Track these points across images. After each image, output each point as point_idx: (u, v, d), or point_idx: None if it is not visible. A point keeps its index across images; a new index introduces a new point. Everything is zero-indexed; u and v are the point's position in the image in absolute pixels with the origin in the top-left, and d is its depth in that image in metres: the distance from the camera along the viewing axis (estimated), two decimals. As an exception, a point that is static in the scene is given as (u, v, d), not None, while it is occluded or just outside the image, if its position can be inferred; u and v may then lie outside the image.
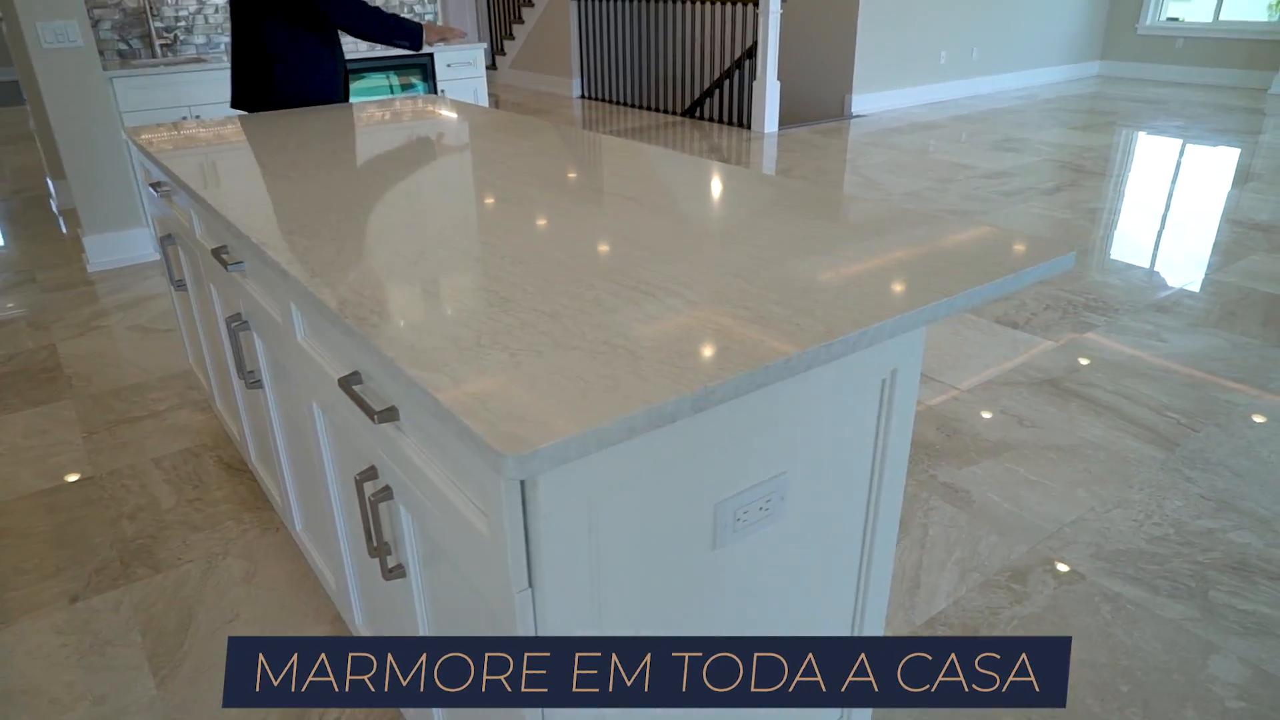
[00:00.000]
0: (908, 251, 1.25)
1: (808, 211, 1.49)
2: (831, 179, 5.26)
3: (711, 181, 1.73)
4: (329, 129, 2.34)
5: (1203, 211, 4.49)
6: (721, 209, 1.52)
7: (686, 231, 1.37)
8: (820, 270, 1.17)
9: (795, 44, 7.54)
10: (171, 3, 4.28)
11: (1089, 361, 2.87)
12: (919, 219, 1.42)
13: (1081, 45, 9.18)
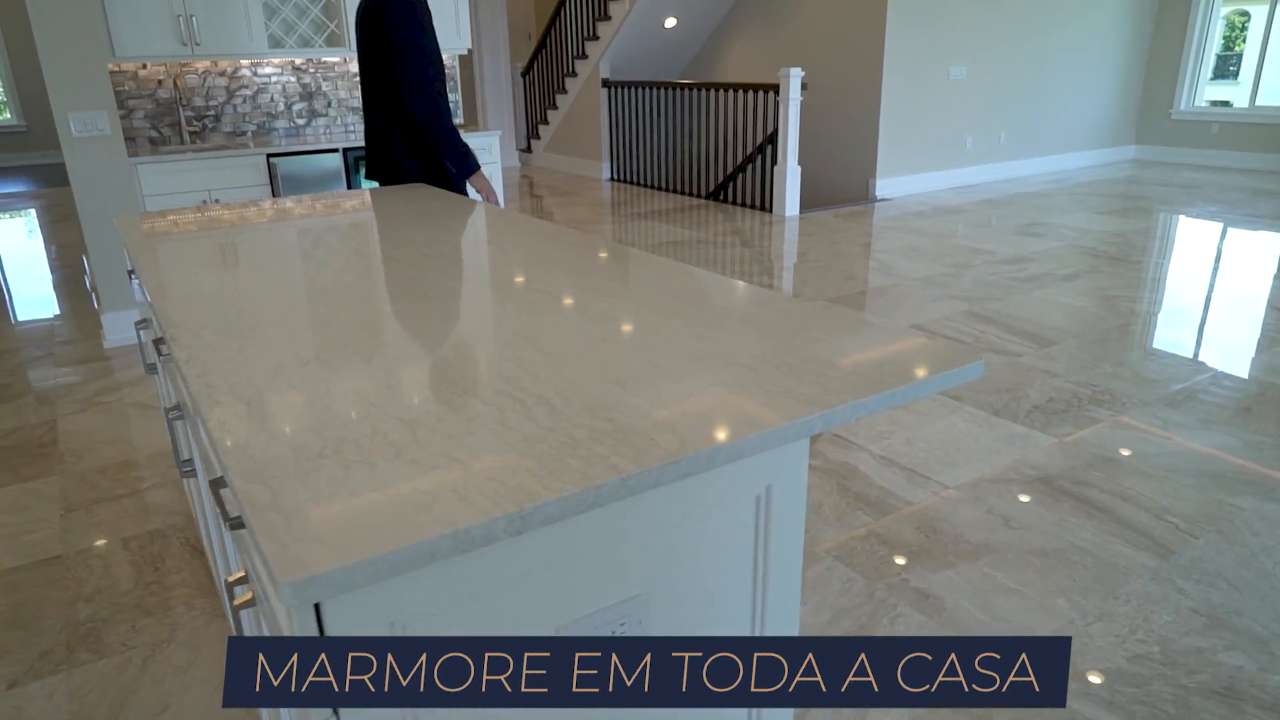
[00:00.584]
0: (804, 358, 1.21)
1: (724, 313, 1.46)
2: (847, 263, 5.23)
3: (646, 276, 1.71)
4: (306, 216, 2.39)
5: (1225, 299, 4.35)
6: (640, 308, 1.49)
7: (589, 333, 1.35)
8: (706, 379, 1.13)
9: (819, 128, 7.63)
10: (202, 94, 4.49)
11: (1088, 459, 2.74)
12: (838, 322, 1.38)
13: (1116, 129, 9.14)
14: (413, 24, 2.69)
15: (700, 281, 1.68)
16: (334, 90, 4.84)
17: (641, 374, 1.15)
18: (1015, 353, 3.67)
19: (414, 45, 2.70)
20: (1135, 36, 8.86)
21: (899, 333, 1.33)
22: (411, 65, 2.71)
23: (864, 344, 1.28)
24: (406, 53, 2.70)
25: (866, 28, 7.01)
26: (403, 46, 2.69)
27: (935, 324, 4.06)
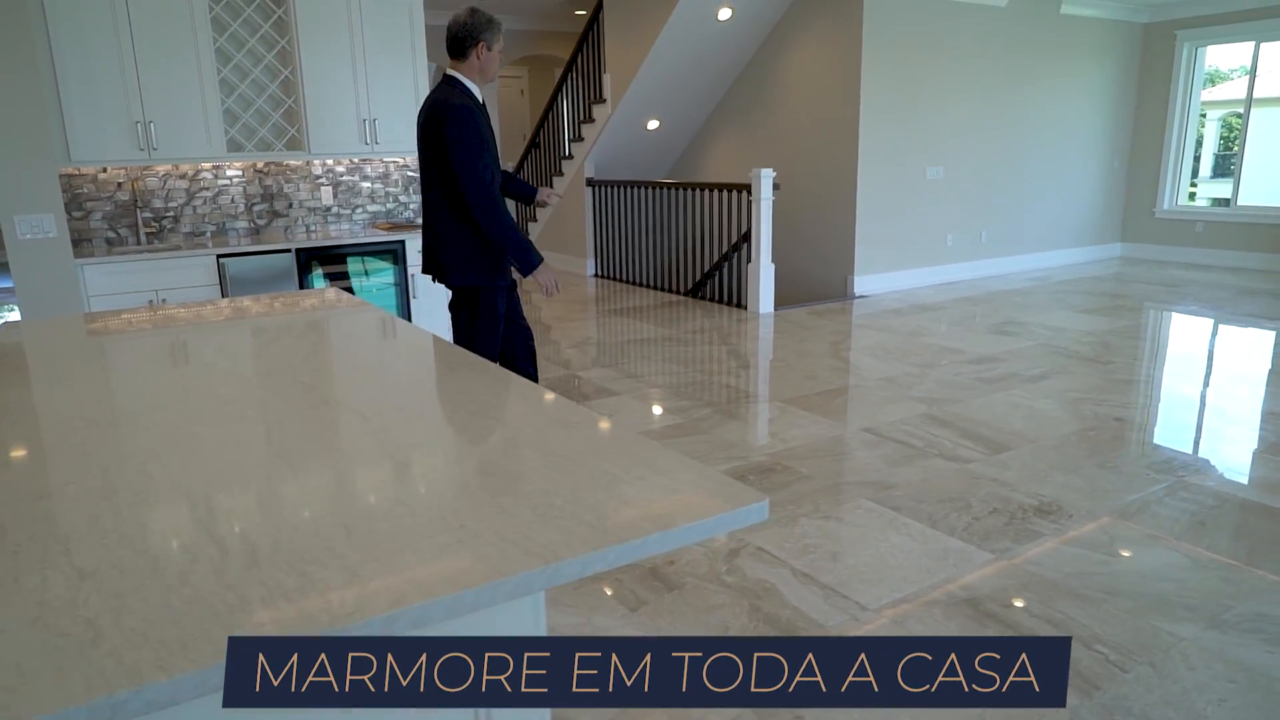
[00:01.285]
0: (573, 497, 1.10)
1: (520, 440, 1.36)
2: (811, 362, 5.14)
3: (461, 394, 1.62)
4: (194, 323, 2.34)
5: (1191, 403, 4.20)
6: (432, 433, 1.40)
7: (342, 465, 1.25)
8: (451, 526, 1.02)
9: (799, 226, 7.67)
10: (161, 196, 4.55)
11: (1023, 578, 2.57)
12: (636, 454, 1.27)
13: (1101, 227, 9.15)
14: (460, 135, 2.84)
15: (518, 399, 1.59)
16: (295, 191, 4.90)
17: (381, 516, 1.05)
18: (965, 459, 3.53)
19: (465, 158, 2.86)
20: (1115, 135, 8.97)
21: (693, 470, 1.22)
22: (467, 176, 2.88)
23: (648, 484, 1.17)
24: (461, 165, 2.87)
25: (841, 129, 7.12)
26: (455, 157, 2.87)
27: (889, 426, 3.93)
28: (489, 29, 2.98)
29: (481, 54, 2.97)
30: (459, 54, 2.98)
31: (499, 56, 3.03)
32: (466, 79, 2.98)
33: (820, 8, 7.13)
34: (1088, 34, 8.38)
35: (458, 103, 2.89)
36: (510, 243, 2.99)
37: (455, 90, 2.95)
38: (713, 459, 3.58)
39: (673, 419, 4.13)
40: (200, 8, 4.21)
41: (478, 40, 2.96)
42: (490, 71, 3.03)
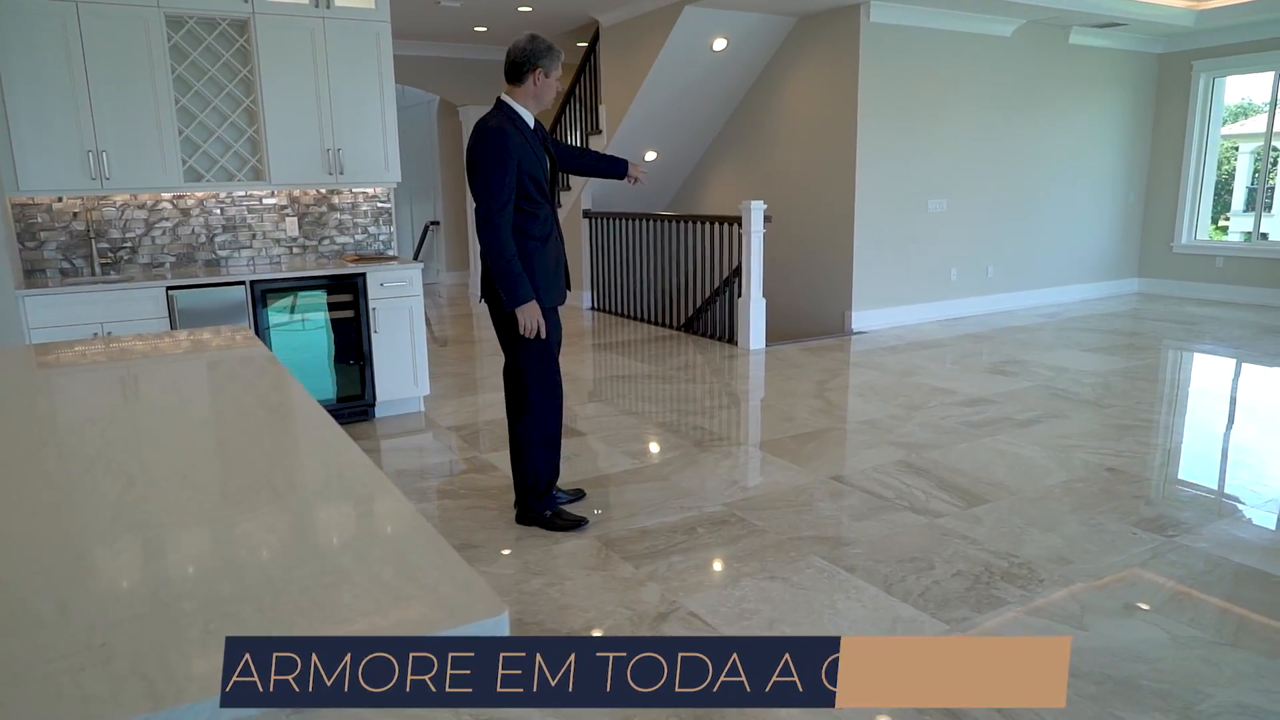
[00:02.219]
0: (242, 608, 0.89)
1: (248, 528, 1.16)
2: (793, 402, 4.90)
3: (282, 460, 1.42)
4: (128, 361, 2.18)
5: (1194, 453, 3.90)
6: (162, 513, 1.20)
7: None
8: (73, 643, 0.81)
9: (797, 260, 7.46)
10: (119, 226, 4.45)
11: (976, 654, 2.30)
12: (385, 540, 1.07)
13: (1117, 262, 8.83)
14: (481, 154, 2.87)
15: (323, 469, 1.39)
16: (259, 223, 4.79)
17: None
18: (937, 512, 3.26)
19: (478, 176, 2.88)
20: (1131, 168, 8.67)
21: (446, 570, 1.01)
22: (477, 195, 2.91)
23: (377, 586, 0.96)
24: (473, 184, 2.91)
25: (838, 160, 6.92)
26: (471, 176, 2.91)
27: (859, 475, 3.68)
28: (548, 56, 2.98)
29: (539, 80, 2.97)
30: (515, 78, 2.98)
31: (556, 84, 3.03)
32: (517, 103, 3.00)
33: (817, 37, 6.97)
34: (1099, 64, 8.14)
35: (491, 124, 2.92)
36: (503, 270, 2.93)
37: (498, 113, 2.97)
38: (664, 509, 3.35)
39: (634, 462, 3.91)
40: (158, 35, 4.13)
41: (535, 66, 2.96)
42: (545, 98, 3.02)
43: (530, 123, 3.05)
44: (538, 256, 3.06)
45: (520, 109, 3.01)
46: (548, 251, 3.12)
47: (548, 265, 3.11)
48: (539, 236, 3.07)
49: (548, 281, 3.10)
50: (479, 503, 3.46)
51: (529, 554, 2.98)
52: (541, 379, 3.11)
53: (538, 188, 3.01)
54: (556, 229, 3.20)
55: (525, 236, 3.03)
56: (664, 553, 2.96)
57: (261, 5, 4.33)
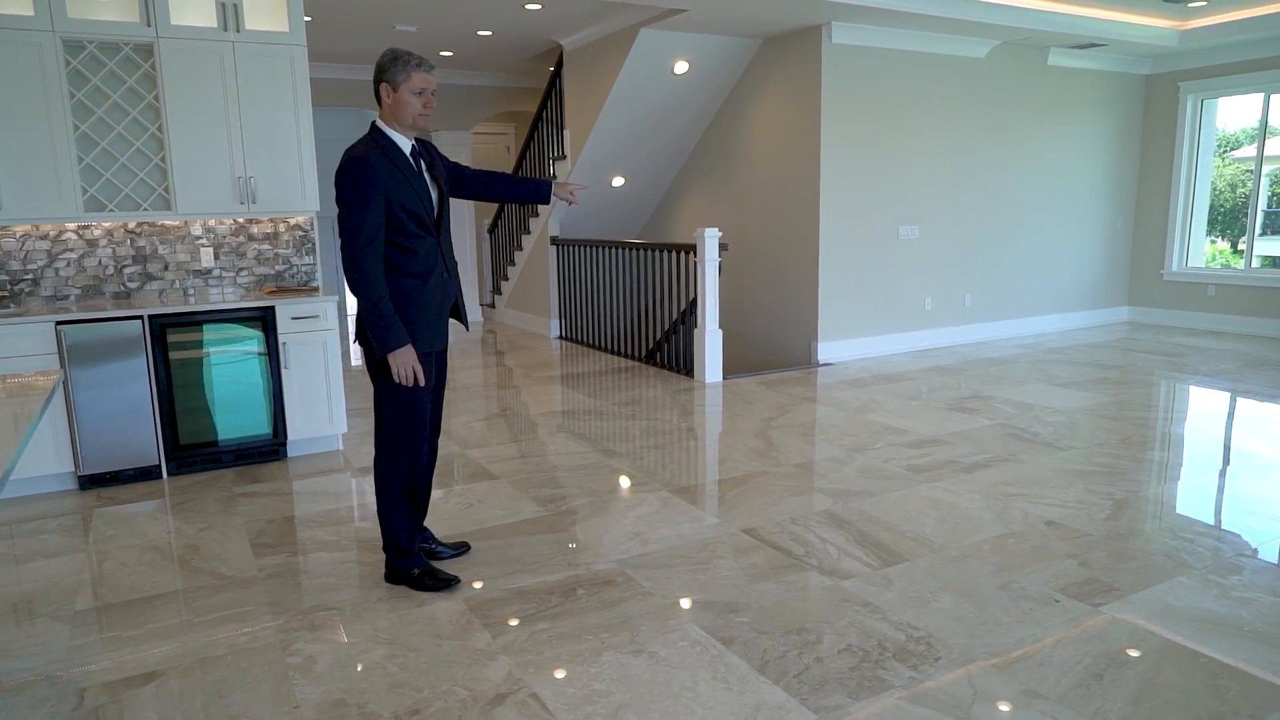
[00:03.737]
0: None
1: None
2: (732, 441, 4.62)
3: None
4: None
5: (1145, 503, 3.58)
6: None
7: None
8: None
9: (762, 289, 7.20)
10: (19, 258, 4.27)
11: (837, 753, 2.02)
12: None
13: (1105, 290, 8.50)
14: (340, 188, 2.69)
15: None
16: (172, 253, 4.60)
17: None
18: (845, 573, 2.97)
19: (340, 210, 2.69)
20: (1118, 192, 8.37)
21: None
22: (340, 231, 2.71)
23: None
24: (338, 219, 2.70)
25: (802, 186, 6.67)
26: (338, 199, 2.70)
27: (774, 527, 3.39)
28: (393, 67, 2.73)
29: (388, 95, 2.73)
30: (378, 102, 2.78)
31: (416, 99, 2.74)
32: (386, 126, 2.78)
33: (781, 60, 6.75)
34: (1081, 86, 7.87)
35: (355, 153, 2.71)
36: (371, 313, 2.69)
37: (367, 140, 2.77)
38: (550, 566, 3.08)
39: (540, 510, 3.64)
40: (52, 60, 3.96)
41: (381, 81, 2.74)
42: (403, 114, 2.74)
43: (406, 148, 2.82)
44: (415, 296, 2.82)
45: (393, 133, 2.78)
46: (429, 290, 2.88)
47: (429, 305, 2.87)
48: (418, 274, 2.83)
49: (427, 324, 2.85)
50: (358, 557, 3.20)
51: (383, 619, 2.71)
52: (404, 429, 2.86)
53: (415, 220, 2.78)
54: (444, 264, 2.96)
55: (399, 274, 2.79)
56: (531, 619, 2.69)
57: (166, 29, 4.16)
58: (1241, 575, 2.90)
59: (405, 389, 2.81)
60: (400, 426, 2.84)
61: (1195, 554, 3.09)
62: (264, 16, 4.38)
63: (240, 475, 4.24)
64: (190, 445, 4.23)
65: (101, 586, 3.01)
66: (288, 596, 2.89)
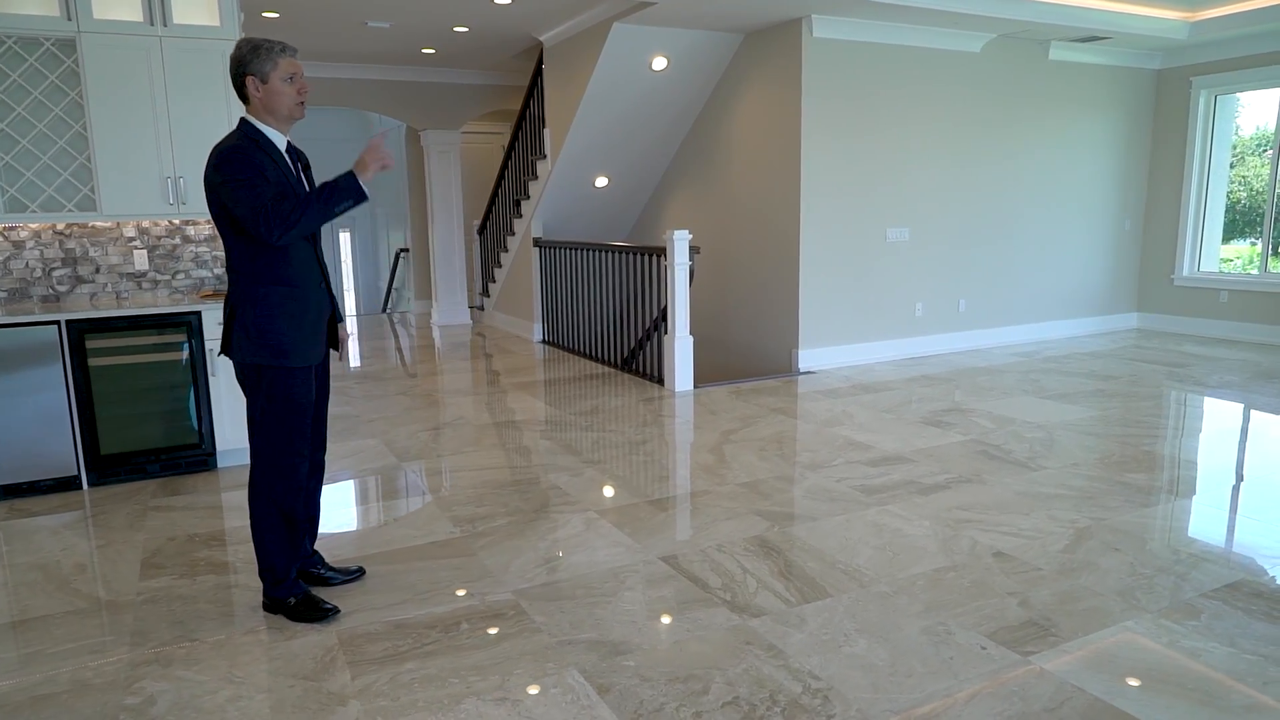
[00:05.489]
0: None
1: None
2: (679, 456, 4.38)
3: None
4: None
5: (1111, 533, 3.28)
6: None
7: None
8: None
9: (744, 293, 6.93)
10: (-59, 259, 4.15)
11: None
12: None
13: (1112, 295, 8.11)
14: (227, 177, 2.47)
15: None
16: (104, 256, 4.45)
17: None
18: (757, 610, 2.71)
19: (238, 198, 2.46)
20: (1126, 193, 7.98)
21: None
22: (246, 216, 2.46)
23: None
24: (237, 210, 2.47)
25: (782, 187, 6.40)
26: (226, 187, 2.48)
27: (697, 554, 3.14)
28: (255, 57, 2.53)
29: (258, 89, 2.54)
30: (243, 98, 2.58)
31: (286, 87, 2.55)
32: (257, 121, 2.58)
33: (763, 55, 6.49)
34: (1086, 81, 7.50)
35: (225, 145, 2.51)
36: (326, 206, 2.50)
37: (237, 133, 2.56)
38: (441, 596, 2.85)
39: (454, 531, 3.43)
40: (-33, 56, 3.82)
41: (244, 74, 2.53)
42: (279, 106, 2.55)
43: (281, 144, 2.63)
44: (290, 306, 2.62)
45: (264, 128, 2.59)
46: (308, 300, 2.68)
47: (307, 317, 2.68)
48: (294, 282, 2.63)
49: (303, 337, 2.65)
50: (247, 581, 3.00)
51: (244, 654, 2.51)
52: (280, 445, 2.65)
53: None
54: (321, 273, 2.77)
55: (274, 281, 2.60)
56: (401, 657, 2.47)
57: (89, 24, 4.00)
58: (1198, 620, 2.60)
59: (282, 404, 2.61)
60: (275, 447, 2.64)
61: (1151, 593, 2.79)
62: (194, 10, 4.21)
63: (163, 487, 4.07)
64: (113, 455, 4.07)
65: (-31, 610, 2.84)
66: (155, 626, 2.70)
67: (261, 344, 2.58)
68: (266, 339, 2.58)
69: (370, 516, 3.65)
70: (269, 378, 2.61)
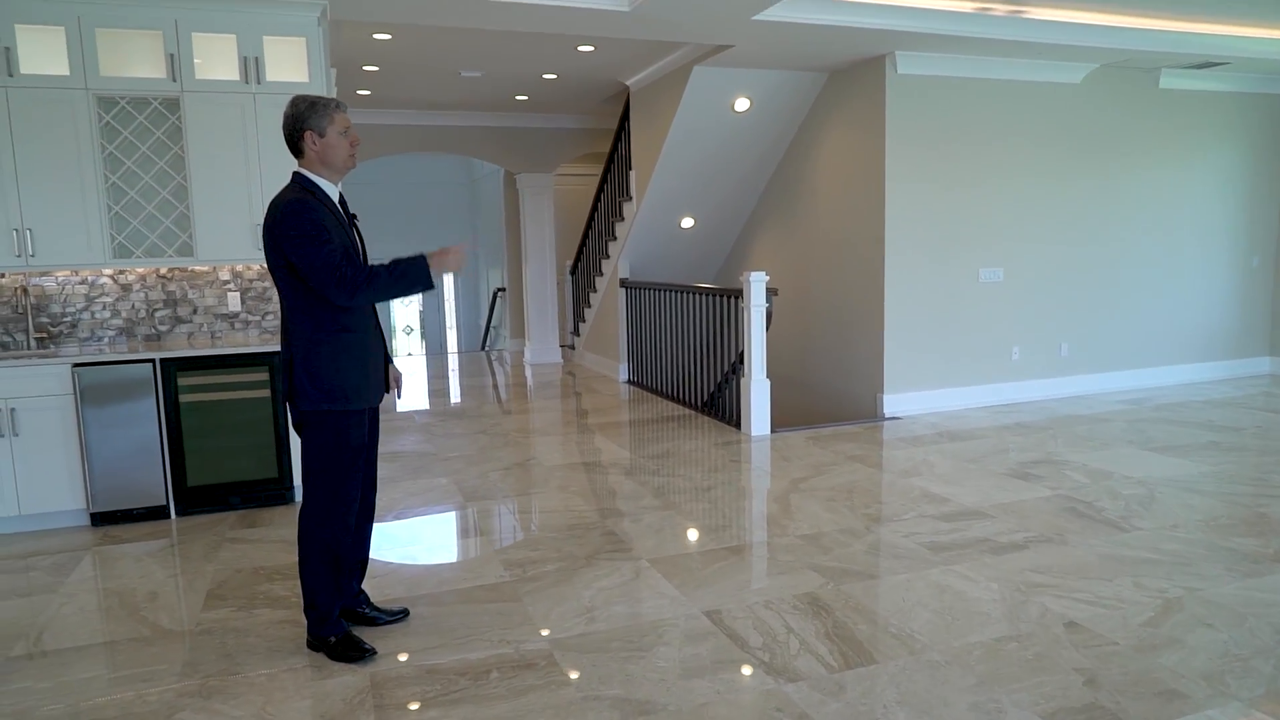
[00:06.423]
0: None
1: None
2: (743, 504, 4.27)
3: None
4: None
5: (1203, 612, 2.97)
6: None
7: None
8: None
9: (830, 336, 6.76)
10: (59, 301, 4.51)
11: None
12: None
13: (1240, 339, 7.49)
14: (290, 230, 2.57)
15: None
16: (201, 298, 4.74)
17: None
18: (796, 674, 2.58)
19: (304, 253, 2.56)
20: (1253, 228, 7.39)
21: None
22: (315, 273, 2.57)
23: None
24: (303, 266, 2.58)
25: (867, 227, 6.24)
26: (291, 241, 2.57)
27: (743, 610, 3.03)
28: (313, 113, 2.67)
29: (315, 142, 2.66)
30: (297, 153, 2.71)
31: (342, 139, 2.68)
32: (312, 174, 2.70)
33: (847, 94, 6.38)
34: (1204, 110, 7.02)
35: (290, 198, 2.62)
36: (398, 283, 2.63)
37: (294, 186, 2.68)
38: (478, 642, 2.85)
39: (505, 575, 3.43)
40: (85, 116, 4.16)
41: (303, 130, 2.66)
42: (335, 159, 2.69)
43: (334, 195, 2.75)
44: (356, 351, 2.72)
45: (318, 179, 2.71)
46: (368, 343, 2.78)
47: (368, 360, 2.77)
48: (355, 328, 2.73)
49: (367, 379, 2.75)
50: (295, 616, 3.08)
51: (280, 690, 2.57)
52: (334, 485, 2.73)
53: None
54: (376, 318, 2.87)
55: (338, 329, 2.69)
56: (429, 703, 2.47)
57: (191, 84, 4.31)
58: (1295, 713, 2.31)
59: (339, 444, 2.69)
60: (329, 492, 2.72)
61: (1245, 678, 2.50)
62: (286, 68, 4.48)
63: (242, 519, 4.26)
64: (199, 487, 4.29)
65: (48, 631, 3.02)
66: (206, 657, 2.80)
67: (327, 390, 2.66)
68: (332, 384, 2.66)
69: (425, 556, 3.70)
70: (330, 422, 2.69)
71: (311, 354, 2.66)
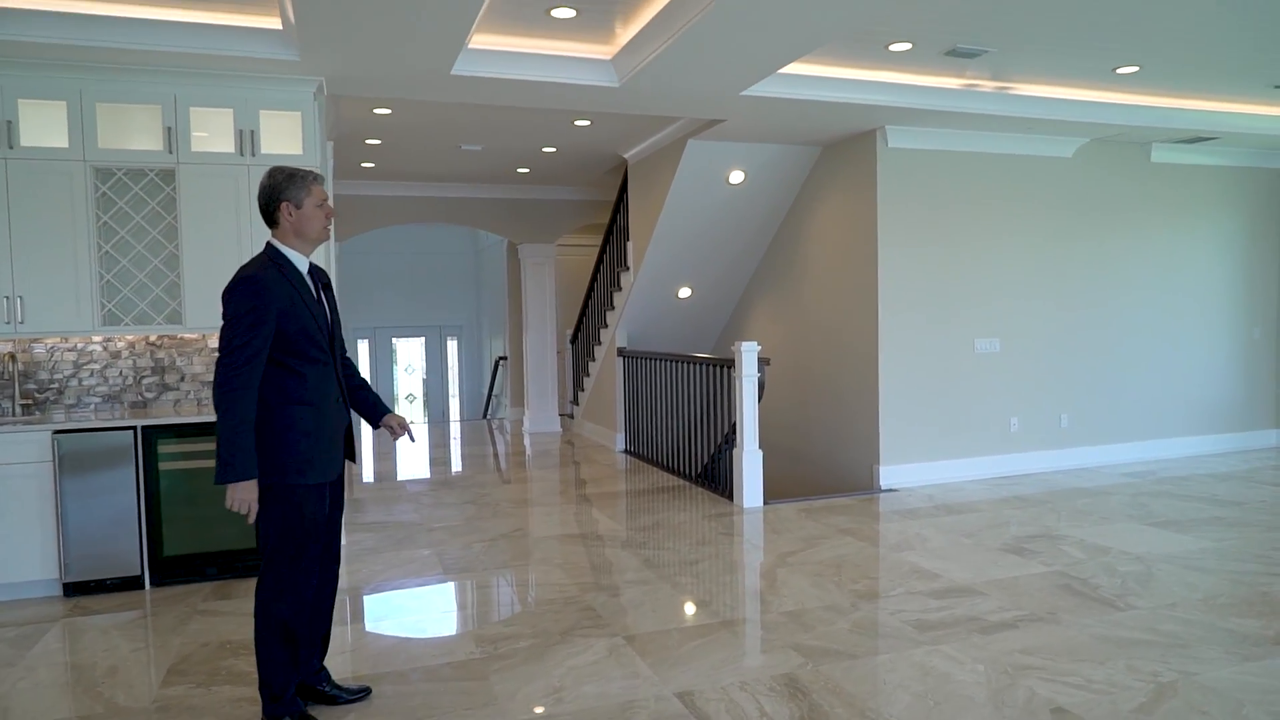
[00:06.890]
0: None
1: None
2: (729, 579, 4.16)
3: None
4: None
5: (1197, 699, 2.84)
6: None
7: None
8: None
9: (826, 407, 6.70)
10: (47, 367, 4.53)
11: None
12: None
13: (1244, 411, 7.38)
14: (226, 305, 2.58)
15: None
16: (188, 365, 4.75)
17: None
18: (764, 762, 2.46)
19: (223, 328, 2.57)
20: (1252, 299, 7.35)
21: None
22: (222, 338, 2.57)
23: None
24: (224, 325, 2.58)
25: (861, 296, 6.24)
26: (224, 317, 2.59)
27: (715, 692, 2.91)
28: (290, 185, 2.69)
29: (291, 214, 2.69)
30: (272, 223, 2.73)
31: (318, 212, 2.71)
32: (283, 245, 2.72)
33: (840, 167, 6.46)
34: (1198, 184, 7.06)
35: (247, 273, 2.62)
36: (228, 435, 2.50)
37: (261, 258, 2.69)
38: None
39: (474, 652, 3.33)
40: (81, 187, 4.25)
41: (280, 201, 2.69)
42: (310, 230, 2.71)
43: (303, 267, 2.75)
44: (306, 424, 2.66)
45: (289, 251, 2.72)
46: (325, 417, 2.73)
47: (323, 434, 2.72)
48: (309, 401, 2.68)
49: (321, 453, 2.70)
50: (255, 694, 2.98)
51: (226, 775, 2.46)
52: (290, 559, 2.67)
53: (310, 342, 2.66)
54: (340, 389, 2.83)
55: (288, 400, 2.65)
56: (376, 791, 2.36)
57: (187, 156, 4.40)
58: (1291, 812, 2.17)
59: (292, 524, 2.64)
60: (293, 560, 2.66)
61: (1238, 772, 2.36)
62: (281, 141, 4.58)
63: (217, 590, 4.18)
64: (174, 557, 4.23)
65: (0, 707, 2.93)
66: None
67: (277, 462, 2.61)
68: (282, 457, 2.62)
69: (397, 631, 3.60)
70: (284, 495, 2.64)
71: (264, 425, 2.60)
